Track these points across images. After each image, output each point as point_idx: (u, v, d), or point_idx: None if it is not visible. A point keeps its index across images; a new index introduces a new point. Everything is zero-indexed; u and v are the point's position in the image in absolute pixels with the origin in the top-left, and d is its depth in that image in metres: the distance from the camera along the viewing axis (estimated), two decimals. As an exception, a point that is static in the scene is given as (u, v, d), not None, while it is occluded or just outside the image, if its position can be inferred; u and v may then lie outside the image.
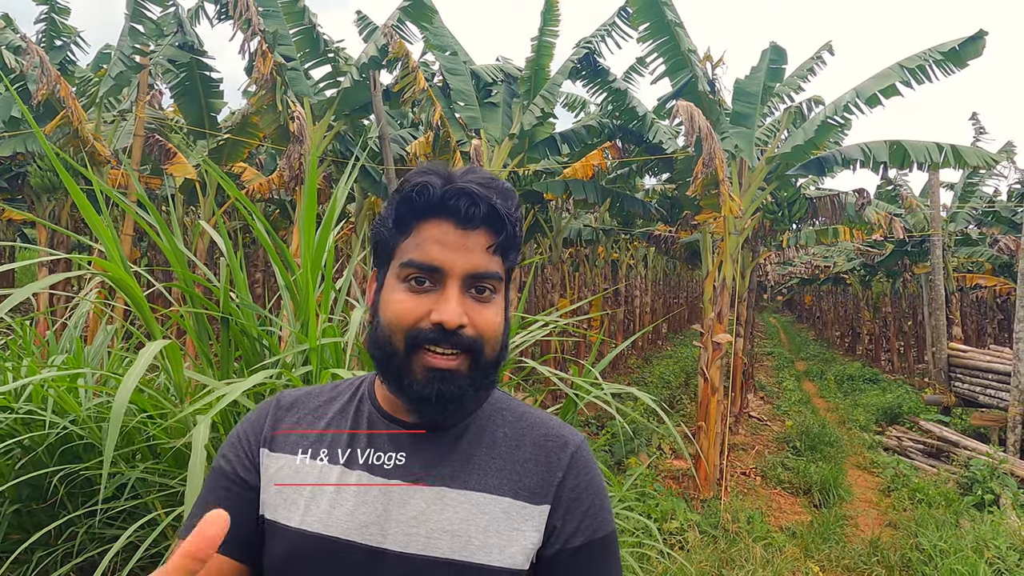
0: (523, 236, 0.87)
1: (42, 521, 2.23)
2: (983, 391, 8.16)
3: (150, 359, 1.71)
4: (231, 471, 0.87)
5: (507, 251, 0.82)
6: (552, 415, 0.93)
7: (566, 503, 0.83)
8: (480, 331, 0.79)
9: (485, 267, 0.79)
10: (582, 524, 0.83)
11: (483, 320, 0.79)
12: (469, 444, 0.85)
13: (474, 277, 0.79)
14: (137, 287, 1.94)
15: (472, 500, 0.81)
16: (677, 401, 10.49)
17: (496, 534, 0.80)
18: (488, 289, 0.80)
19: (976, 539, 4.52)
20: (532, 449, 0.85)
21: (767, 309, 42.65)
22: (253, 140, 7.77)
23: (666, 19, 5.50)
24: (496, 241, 0.80)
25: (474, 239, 0.79)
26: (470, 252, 0.79)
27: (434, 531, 0.79)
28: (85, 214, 1.86)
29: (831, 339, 24.14)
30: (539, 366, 2.69)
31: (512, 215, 0.81)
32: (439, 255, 0.78)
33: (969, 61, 5.22)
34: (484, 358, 0.80)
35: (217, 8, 5.67)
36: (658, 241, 11.44)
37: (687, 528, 4.95)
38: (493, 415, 0.88)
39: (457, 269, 0.78)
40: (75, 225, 9.71)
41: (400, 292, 0.80)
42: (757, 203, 6.40)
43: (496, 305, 0.82)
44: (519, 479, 0.83)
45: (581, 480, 0.85)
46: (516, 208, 0.83)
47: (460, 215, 0.78)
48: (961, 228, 12.45)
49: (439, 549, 0.78)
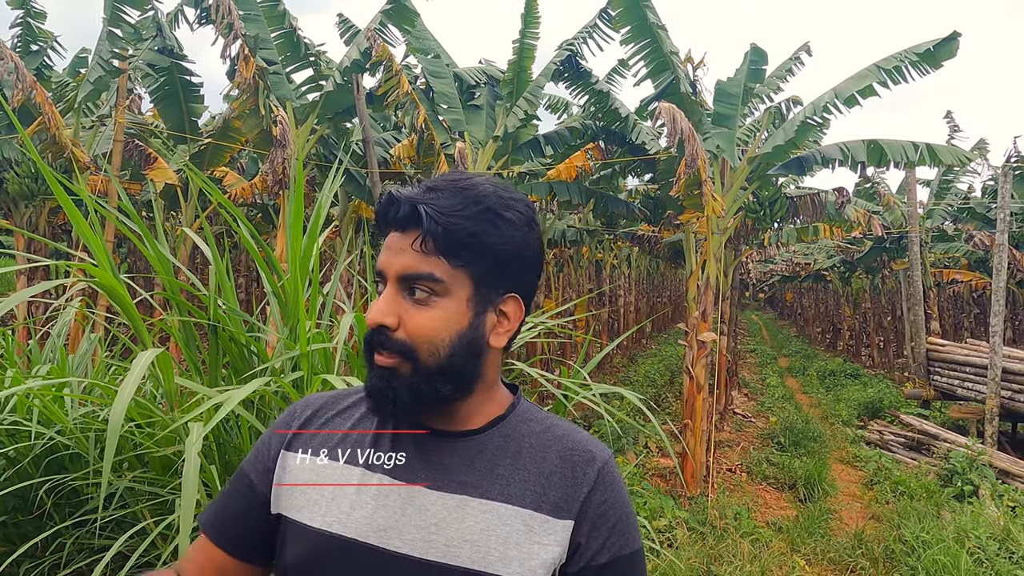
0: (499, 239, 0.81)
1: (29, 533, 2.19)
2: (961, 384, 8.32)
3: (144, 368, 1.70)
4: (249, 473, 0.91)
5: (450, 250, 0.78)
6: (579, 428, 0.92)
7: (592, 519, 0.82)
8: (408, 334, 0.79)
9: (415, 268, 0.78)
10: (608, 541, 0.82)
11: (412, 323, 0.79)
12: (493, 454, 0.84)
13: (404, 278, 0.79)
14: (127, 294, 1.93)
15: (493, 510, 0.80)
16: (663, 399, 10.57)
17: (516, 546, 0.79)
18: (423, 291, 0.79)
19: (957, 530, 4.61)
20: (558, 462, 0.84)
21: (749, 307, 43.03)
22: (235, 144, 7.71)
23: (648, 21, 5.55)
24: (418, 237, 0.78)
25: (406, 240, 0.80)
26: (403, 253, 0.79)
27: (453, 539, 0.79)
28: (74, 221, 1.84)
29: (812, 335, 24.46)
30: (527, 368, 2.71)
31: (445, 212, 0.78)
32: (382, 259, 0.82)
33: (944, 62, 5.34)
34: (421, 363, 0.79)
35: (198, 12, 5.63)
36: (642, 241, 11.52)
37: (675, 525, 4.99)
38: (519, 425, 0.88)
39: (391, 270, 0.80)
40: (52, 233, 9.56)
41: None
42: (739, 203, 6.48)
43: (434, 309, 0.79)
44: (543, 492, 0.82)
45: (608, 496, 0.84)
46: (469, 205, 0.79)
47: (391, 220, 0.81)
48: (937, 224, 12.68)
49: (458, 558, 0.78)
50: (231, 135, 7.44)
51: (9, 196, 6.91)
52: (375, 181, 6.05)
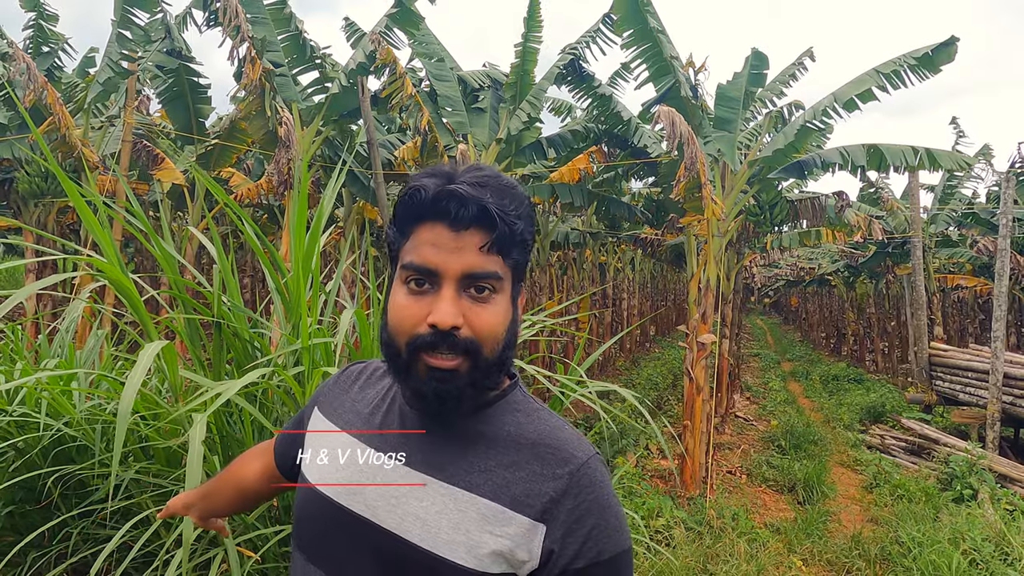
0: (531, 232, 0.86)
1: (36, 523, 2.25)
2: (963, 389, 8.32)
3: (150, 360, 1.76)
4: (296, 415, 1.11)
5: (506, 249, 0.81)
6: (567, 425, 0.89)
7: (565, 525, 0.79)
8: (477, 332, 0.79)
9: (481, 267, 0.79)
10: (585, 546, 0.79)
11: (480, 321, 0.80)
12: (468, 439, 0.85)
13: (470, 277, 0.79)
14: (135, 290, 1.98)
15: (451, 495, 0.81)
16: (665, 402, 10.59)
17: (465, 533, 0.79)
18: (487, 289, 0.80)
19: (953, 532, 4.64)
20: (529, 457, 0.83)
21: (754, 311, 42.94)
22: (241, 146, 7.80)
23: (649, 26, 5.61)
24: (490, 240, 0.80)
25: (467, 239, 0.79)
26: (464, 252, 0.79)
27: (408, 515, 0.82)
28: (84, 218, 1.91)
29: (817, 340, 24.39)
30: (526, 365, 2.76)
31: (507, 213, 0.80)
32: (434, 257, 0.79)
33: (942, 66, 5.38)
34: (483, 358, 0.80)
35: (206, 15, 5.72)
36: (644, 244, 11.56)
37: (673, 525, 5.03)
38: (503, 415, 0.87)
39: (451, 270, 0.79)
40: (61, 232, 9.66)
41: (401, 295, 0.82)
42: (740, 206, 6.52)
43: (496, 305, 0.81)
44: (506, 484, 0.81)
45: (583, 501, 0.81)
46: (517, 205, 0.82)
47: (451, 217, 0.79)
48: (941, 230, 12.65)
49: (409, 532, 0.81)
50: (237, 136, 7.52)
51: (19, 195, 7.01)
52: (379, 183, 6.12)
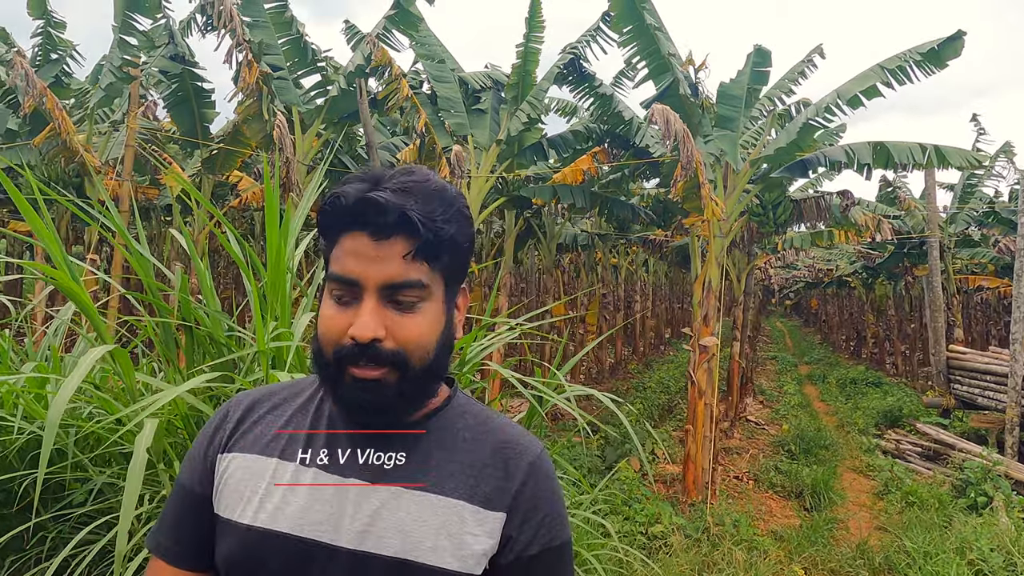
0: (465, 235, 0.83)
1: (14, 526, 2.26)
2: (982, 393, 8.08)
3: (89, 366, 1.73)
4: (188, 486, 0.88)
5: (433, 255, 0.79)
6: (513, 422, 0.92)
7: (523, 512, 0.83)
8: (402, 343, 0.78)
9: (403, 276, 0.77)
10: (538, 533, 0.83)
11: (405, 332, 0.78)
12: (429, 445, 0.84)
13: (391, 287, 0.77)
14: (84, 292, 1.97)
15: (427, 501, 0.81)
16: (675, 406, 10.44)
17: (448, 537, 0.79)
18: (410, 298, 0.78)
19: (960, 541, 4.48)
20: (491, 455, 0.85)
21: (774, 313, 42.39)
22: (246, 149, 7.84)
23: (645, 23, 5.51)
24: (413, 248, 0.77)
25: (389, 248, 0.77)
26: (385, 262, 0.76)
27: (387, 529, 0.79)
28: (28, 218, 1.89)
29: (837, 343, 23.98)
30: (501, 369, 2.71)
31: (433, 218, 0.77)
32: (354, 267, 0.77)
33: (948, 61, 5.21)
34: (412, 368, 0.78)
35: (203, 19, 5.76)
36: (652, 245, 11.43)
37: (672, 532, 4.93)
38: (455, 419, 0.88)
39: (371, 281, 0.77)
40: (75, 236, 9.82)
41: (328, 305, 0.80)
42: (742, 205, 6.39)
43: (423, 314, 0.79)
44: (476, 484, 0.83)
45: (539, 490, 0.84)
46: (445, 208, 0.79)
47: (370, 226, 0.76)
48: (961, 229, 12.33)
49: (391, 548, 0.78)
50: (242, 140, 7.57)
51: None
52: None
